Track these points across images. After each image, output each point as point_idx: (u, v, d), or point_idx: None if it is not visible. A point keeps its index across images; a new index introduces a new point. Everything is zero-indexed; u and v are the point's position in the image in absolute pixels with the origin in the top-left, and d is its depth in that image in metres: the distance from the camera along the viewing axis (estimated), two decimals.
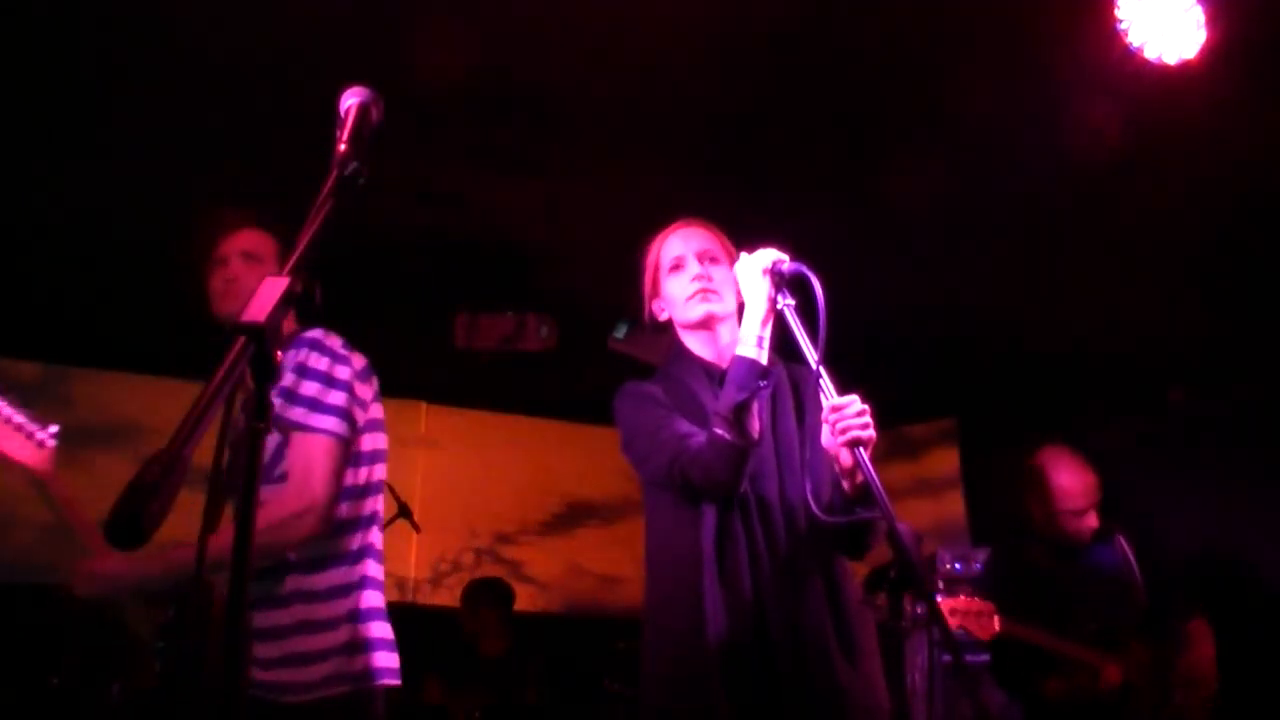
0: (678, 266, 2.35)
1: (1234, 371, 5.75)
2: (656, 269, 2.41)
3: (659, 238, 2.44)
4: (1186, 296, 5.12)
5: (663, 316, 2.43)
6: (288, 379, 2.14)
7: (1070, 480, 3.60)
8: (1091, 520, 3.62)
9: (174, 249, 2.61)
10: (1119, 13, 3.12)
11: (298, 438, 2.12)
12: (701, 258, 2.34)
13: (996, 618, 3.28)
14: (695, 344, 2.38)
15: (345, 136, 1.42)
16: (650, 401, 2.28)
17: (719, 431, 2.07)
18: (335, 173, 1.38)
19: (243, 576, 1.00)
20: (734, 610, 2.08)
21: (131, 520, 0.93)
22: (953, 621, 3.29)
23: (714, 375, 2.27)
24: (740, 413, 2.07)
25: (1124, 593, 3.60)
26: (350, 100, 1.48)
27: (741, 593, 2.10)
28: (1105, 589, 3.58)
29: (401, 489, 5.32)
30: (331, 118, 1.48)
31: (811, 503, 2.13)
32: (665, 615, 2.18)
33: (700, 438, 2.12)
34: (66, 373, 5.98)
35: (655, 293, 2.43)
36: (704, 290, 2.32)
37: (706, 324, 2.32)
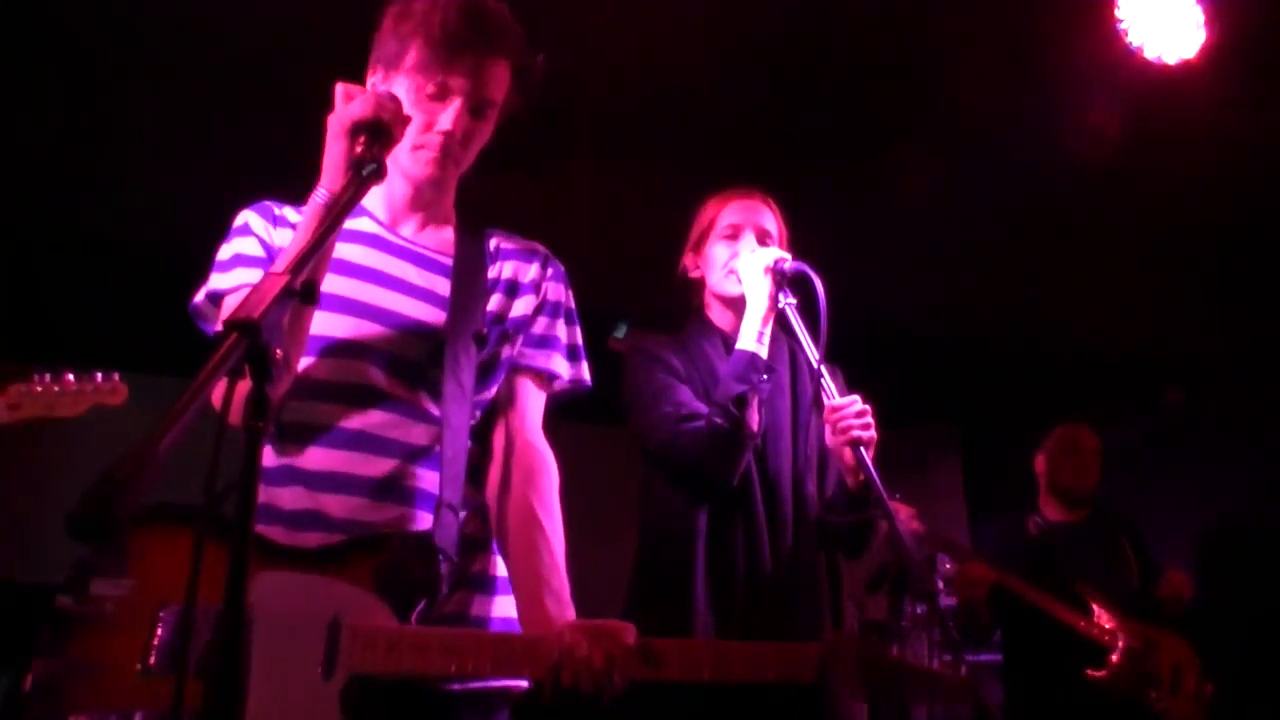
0: (732, 236, 2.33)
1: (1234, 371, 5.74)
2: (709, 227, 2.38)
3: (720, 198, 2.41)
4: (1187, 296, 5.12)
5: (694, 274, 2.42)
6: (549, 324, 1.78)
7: (1067, 427, 3.91)
8: (1089, 466, 3.78)
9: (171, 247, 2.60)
10: (1119, 13, 3.12)
11: (546, 390, 1.79)
12: (759, 236, 2.33)
13: (917, 521, 3.36)
14: (719, 312, 2.38)
15: (361, 139, 1.42)
16: (659, 365, 2.27)
17: (717, 420, 2.07)
18: (352, 174, 1.38)
19: (242, 574, 0.99)
20: (722, 589, 2.09)
21: (98, 518, 0.89)
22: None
23: (731, 347, 2.26)
24: (739, 405, 2.07)
25: (1116, 569, 3.66)
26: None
27: (733, 572, 2.10)
28: (1098, 560, 3.65)
29: None
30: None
31: (812, 501, 2.14)
32: (650, 583, 2.19)
33: (698, 423, 2.12)
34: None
35: (697, 249, 2.41)
36: None
37: (737, 302, 2.30)
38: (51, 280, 5.16)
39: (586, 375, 1.83)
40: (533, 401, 1.77)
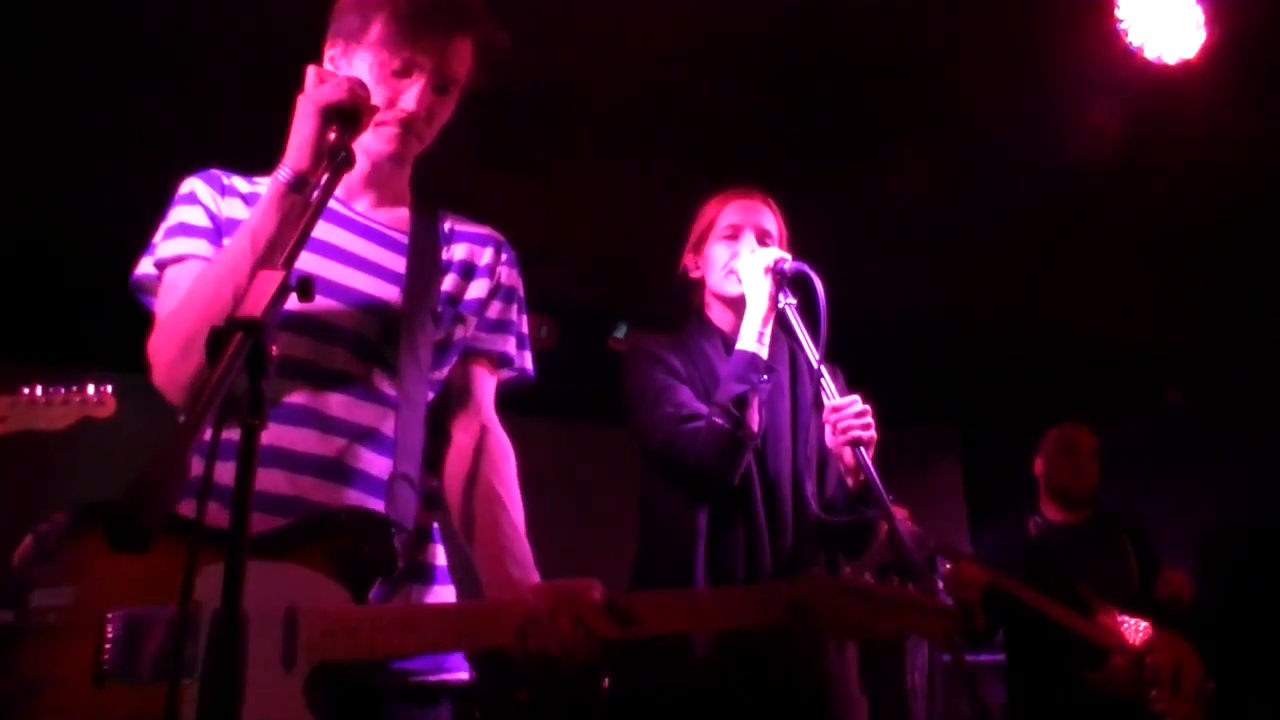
0: (733, 236, 2.33)
1: (1234, 371, 5.74)
2: (709, 228, 2.38)
3: (721, 198, 2.41)
4: (1186, 296, 5.12)
5: (695, 274, 2.42)
6: (503, 309, 1.76)
7: (1064, 428, 3.91)
8: (1086, 466, 3.77)
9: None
10: (1119, 13, 3.11)
11: (498, 374, 1.77)
12: (759, 236, 2.33)
13: (911, 522, 3.35)
14: (719, 312, 2.38)
15: (333, 126, 1.43)
16: (659, 366, 2.27)
17: (718, 421, 2.08)
18: (327, 162, 1.38)
19: (238, 574, 0.99)
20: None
21: (133, 522, 0.90)
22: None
23: (731, 347, 2.26)
24: (739, 405, 2.08)
25: (1116, 571, 3.66)
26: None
27: (733, 573, 2.10)
28: (1098, 562, 3.66)
29: None
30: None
31: (810, 501, 2.14)
32: (650, 583, 2.19)
33: (699, 423, 2.12)
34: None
35: (697, 249, 2.41)
36: None
37: (737, 302, 2.30)
38: (49, 279, 5.16)
39: (530, 365, 1.82)
40: (488, 385, 1.75)
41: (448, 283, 1.71)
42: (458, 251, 1.74)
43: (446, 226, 1.77)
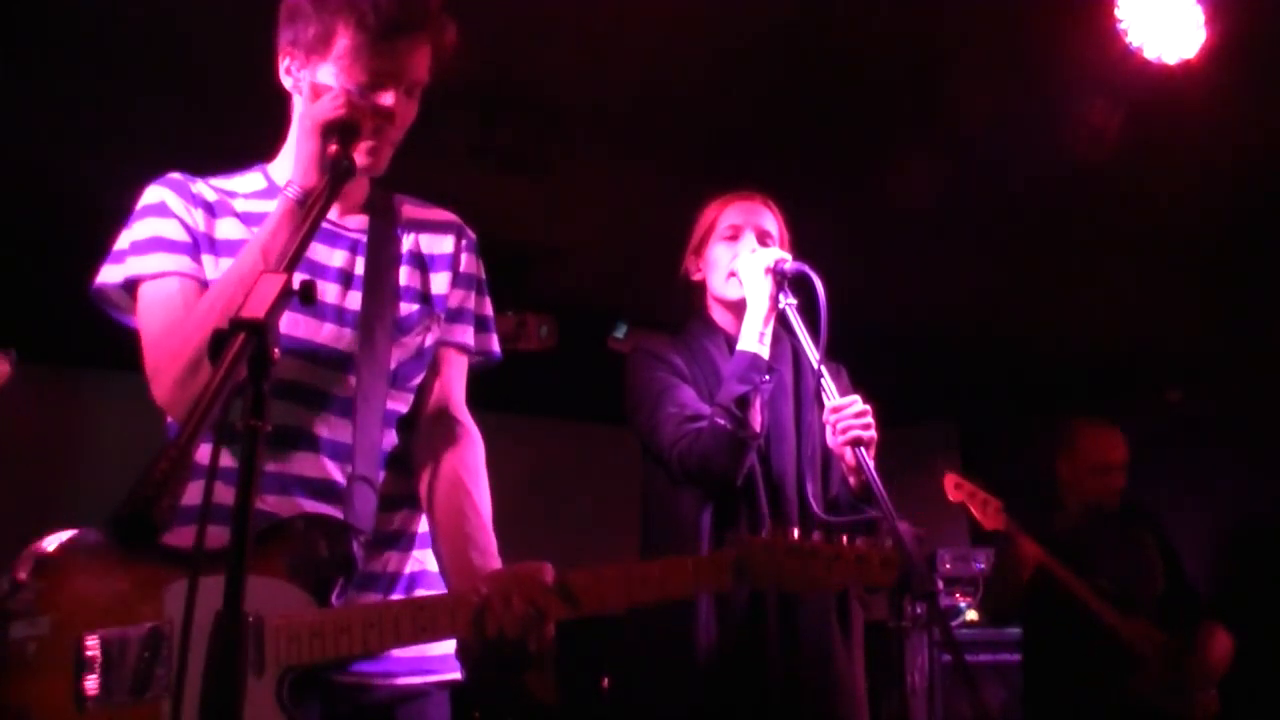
0: (733, 237, 2.33)
1: (1234, 371, 5.75)
2: (710, 230, 2.38)
3: (721, 200, 2.40)
4: (1186, 296, 5.12)
5: (696, 276, 2.42)
6: (463, 296, 1.75)
7: (1097, 437, 3.74)
8: (1118, 481, 3.68)
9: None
10: (1119, 13, 3.11)
11: (465, 361, 1.76)
12: (760, 237, 2.33)
13: (1005, 515, 3.34)
14: (721, 314, 2.38)
15: (334, 138, 1.45)
16: (662, 366, 2.27)
17: (720, 421, 2.08)
18: (329, 173, 1.41)
19: (240, 573, 0.99)
20: (726, 595, 2.09)
21: (141, 517, 0.92)
22: (955, 495, 3.55)
23: (734, 347, 2.26)
24: (742, 405, 2.08)
25: (1142, 569, 3.63)
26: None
27: None
28: (1124, 560, 3.62)
29: None
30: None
31: (813, 501, 2.14)
32: None
33: (701, 423, 2.13)
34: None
35: (698, 251, 2.41)
36: None
37: (738, 305, 2.29)
38: (43, 277, 5.15)
39: (495, 346, 1.80)
40: (454, 374, 1.73)
41: (409, 277, 1.70)
42: (421, 243, 1.74)
43: (404, 216, 1.75)
